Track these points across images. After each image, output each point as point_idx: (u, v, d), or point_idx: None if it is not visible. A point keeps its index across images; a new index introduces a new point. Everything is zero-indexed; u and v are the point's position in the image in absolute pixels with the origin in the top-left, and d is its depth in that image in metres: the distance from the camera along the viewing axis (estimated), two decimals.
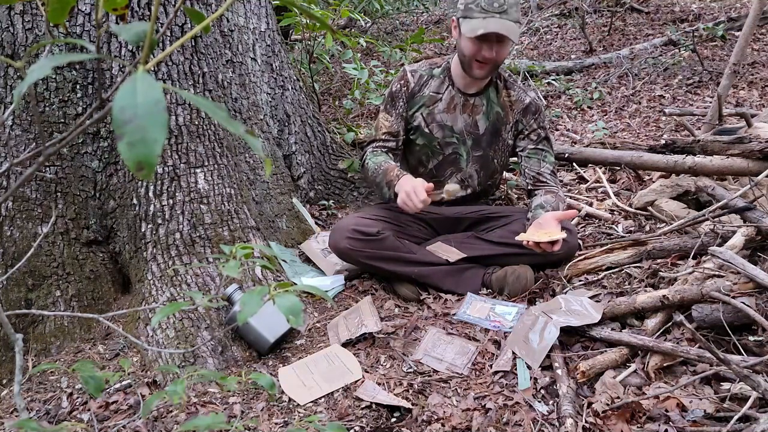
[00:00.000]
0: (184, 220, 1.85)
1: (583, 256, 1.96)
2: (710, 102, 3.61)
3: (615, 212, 2.39)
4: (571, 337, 1.60)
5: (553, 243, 1.74)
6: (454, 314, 1.81)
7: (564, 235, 1.75)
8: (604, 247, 1.96)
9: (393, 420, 1.41)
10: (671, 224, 2.02)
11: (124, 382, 1.58)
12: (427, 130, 2.06)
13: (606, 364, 1.47)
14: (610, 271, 1.89)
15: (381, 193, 2.06)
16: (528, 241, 1.75)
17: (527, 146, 2.07)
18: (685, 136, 3.06)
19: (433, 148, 2.09)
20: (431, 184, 1.84)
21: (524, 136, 2.07)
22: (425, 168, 2.14)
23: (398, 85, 2.07)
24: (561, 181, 2.78)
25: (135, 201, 1.85)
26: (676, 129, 3.44)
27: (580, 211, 2.41)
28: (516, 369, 1.52)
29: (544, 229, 1.80)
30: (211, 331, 1.71)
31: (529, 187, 2.08)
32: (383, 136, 2.09)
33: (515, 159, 2.20)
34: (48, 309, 1.74)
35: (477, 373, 1.55)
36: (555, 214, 1.83)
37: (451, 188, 1.94)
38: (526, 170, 2.07)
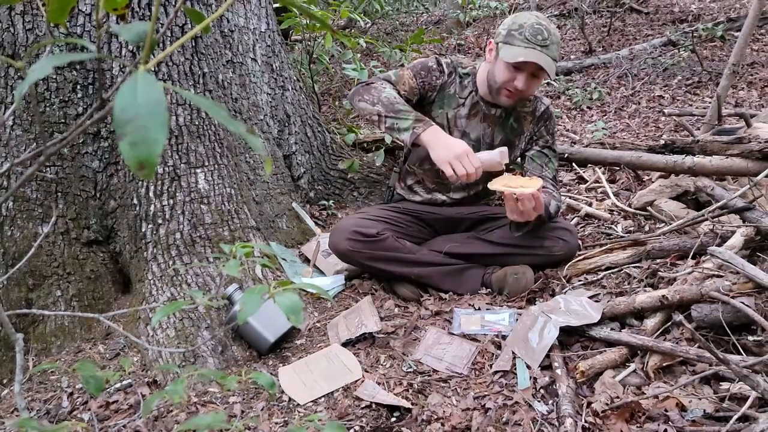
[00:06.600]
0: (185, 220, 1.85)
1: (582, 256, 1.96)
2: (709, 102, 3.61)
3: (614, 212, 2.39)
4: (571, 336, 1.61)
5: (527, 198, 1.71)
6: (450, 332, 1.74)
7: (540, 184, 1.74)
8: (604, 247, 1.96)
9: (393, 419, 1.41)
10: (670, 224, 2.02)
11: (124, 382, 1.58)
12: (447, 133, 1.99)
13: (605, 363, 1.47)
14: (610, 271, 1.89)
15: (390, 124, 1.85)
16: (502, 192, 1.75)
17: (533, 148, 2.05)
18: (685, 136, 3.06)
19: None
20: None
21: (534, 141, 2.05)
22: (432, 166, 1.97)
23: (434, 64, 1.98)
24: (561, 181, 2.77)
25: (135, 201, 1.86)
26: (676, 129, 3.45)
27: (579, 211, 2.42)
28: (516, 369, 1.52)
29: (520, 181, 1.77)
30: (211, 330, 1.71)
31: None
32: (403, 92, 1.95)
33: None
34: (48, 309, 1.75)
35: (477, 372, 1.56)
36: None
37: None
38: (528, 173, 2.05)
